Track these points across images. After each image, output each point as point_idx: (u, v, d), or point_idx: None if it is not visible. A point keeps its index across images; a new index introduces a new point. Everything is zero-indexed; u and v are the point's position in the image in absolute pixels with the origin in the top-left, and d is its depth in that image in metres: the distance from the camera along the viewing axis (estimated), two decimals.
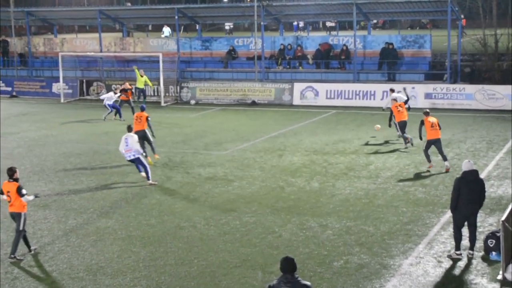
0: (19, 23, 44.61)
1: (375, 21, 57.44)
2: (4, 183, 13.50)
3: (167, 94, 35.91)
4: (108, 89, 34.52)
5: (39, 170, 20.55)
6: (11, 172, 13.37)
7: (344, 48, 35.47)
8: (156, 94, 36.32)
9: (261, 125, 27.97)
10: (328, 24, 59.53)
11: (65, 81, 37.76)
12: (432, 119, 19.18)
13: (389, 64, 34.20)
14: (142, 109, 22.29)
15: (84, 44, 42.78)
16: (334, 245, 13.60)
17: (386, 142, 23.55)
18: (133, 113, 27.42)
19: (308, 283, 8.38)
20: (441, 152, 19.25)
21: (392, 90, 24.74)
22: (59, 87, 36.90)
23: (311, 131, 26.28)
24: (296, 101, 33.68)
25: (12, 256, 13.21)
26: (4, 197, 13.39)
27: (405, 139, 22.22)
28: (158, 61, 34.95)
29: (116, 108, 30.03)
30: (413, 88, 30.61)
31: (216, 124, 28.58)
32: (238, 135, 25.79)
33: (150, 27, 65.31)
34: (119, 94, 30.37)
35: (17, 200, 13.19)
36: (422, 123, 19.29)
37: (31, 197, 13.46)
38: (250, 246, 13.63)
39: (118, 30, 51.25)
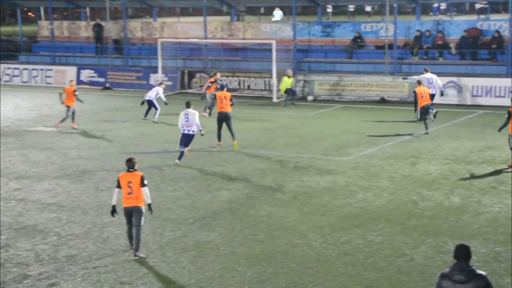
0: (114, 5, 46.34)
1: None
2: (123, 175, 14.47)
3: (280, 88, 36.13)
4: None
5: None
6: (131, 163, 14.47)
7: (496, 35, 34.55)
8: (267, 88, 36.66)
9: (391, 127, 27.68)
10: (477, 5, 57.89)
11: (164, 72, 38.81)
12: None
13: None
14: (222, 88, 24.61)
15: (187, 29, 43.88)
16: None
17: None
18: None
19: (483, 273, 8.91)
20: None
21: (426, 70, 29.22)
22: (157, 78, 37.99)
23: (452, 135, 25.76)
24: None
25: (135, 253, 14.34)
26: (115, 190, 14.54)
27: (426, 125, 26.19)
28: (270, 50, 35.26)
29: (152, 105, 29.91)
30: None
31: (337, 125, 28.54)
32: (363, 138, 25.65)
33: (262, 10, 66.06)
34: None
35: (139, 191, 14.24)
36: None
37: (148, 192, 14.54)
38: (376, 271, 13.51)
39: (225, 13, 52.21)
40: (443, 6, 58.49)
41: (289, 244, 14.99)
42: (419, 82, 27.34)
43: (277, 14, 49.60)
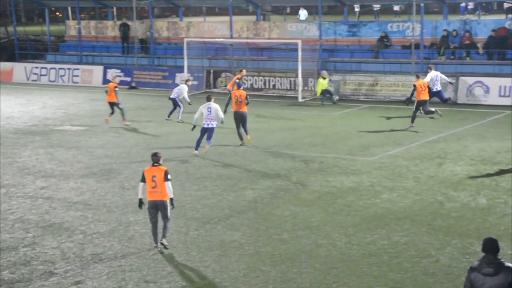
0: (140, 4, 46.56)
1: None
2: (148, 169, 14.72)
3: (305, 88, 36.16)
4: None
5: None
6: (156, 157, 14.77)
7: None
8: (292, 88, 36.65)
9: (417, 127, 27.53)
10: (506, 5, 57.40)
11: (190, 71, 38.90)
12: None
13: None
14: (239, 87, 24.89)
15: (213, 28, 43.98)
16: None
17: None
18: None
19: None
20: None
21: (430, 68, 30.29)
22: (183, 77, 38.10)
23: (479, 136, 25.58)
24: (461, 98, 32.88)
25: (161, 241, 14.70)
26: (140, 185, 14.80)
27: (414, 118, 27.37)
28: (296, 49, 35.25)
29: (176, 105, 29.82)
30: None
31: (362, 125, 28.47)
32: (389, 139, 25.56)
33: (288, 9, 66.06)
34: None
35: (163, 186, 14.51)
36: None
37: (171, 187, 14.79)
38: (401, 271, 13.45)
39: (251, 13, 52.30)
40: (470, 5, 58.15)
41: (314, 244, 14.98)
42: (417, 76, 28.78)
43: (302, 14, 49.55)
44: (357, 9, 59.50)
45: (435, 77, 29.84)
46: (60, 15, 77.27)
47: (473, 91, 32.56)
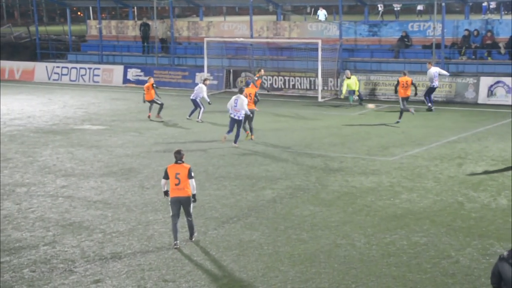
0: (161, 4, 46.70)
1: None
2: (171, 166, 14.95)
3: (325, 88, 36.14)
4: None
5: None
6: (180, 155, 15.00)
7: None
8: (312, 87, 36.62)
9: (437, 127, 27.43)
10: None
11: (210, 71, 39.00)
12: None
13: None
14: (248, 84, 25.98)
15: (233, 28, 44.03)
16: None
17: None
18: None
19: None
20: None
21: (430, 64, 31.66)
22: (202, 77, 38.12)
23: (500, 136, 25.42)
24: (482, 99, 32.71)
25: (191, 238, 15.26)
26: (162, 181, 15.02)
27: (402, 113, 28.55)
28: (316, 49, 35.22)
29: (197, 105, 29.73)
30: None
31: (382, 125, 28.37)
32: (409, 139, 25.48)
33: (308, 9, 66.01)
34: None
35: (186, 183, 14.75)
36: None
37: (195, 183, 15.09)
38: (420, 272, 13.40)
39: (271, 12, 52.29)
40: (492, 5, 57.75)
41: (333, 244, 14.96)
42: (404, 73, 29.80)
43: (321, 14, 49.38)
44: (381, 9, 59.22)
45: (434, 74, 31.20)
46: (82, 14, 77.65)
47: (494, 91, 32.37)
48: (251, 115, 24.79)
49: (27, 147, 25.24)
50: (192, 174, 14.83)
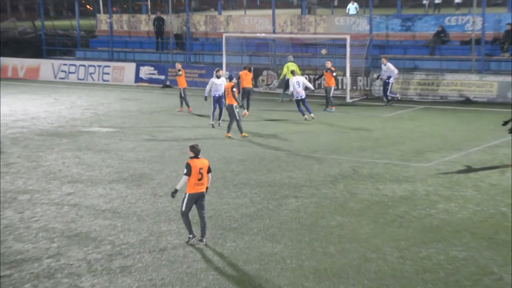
0: None
1: None
2: (193, 161, 15.53)
3: (354, 87, 36.09)
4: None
5: None
6: (198, 149, 15.68)
7: None
8: (340, 87, 36.49)
9: (478, 131, 27.28)
10: None
11: (229, 69, 38.95)
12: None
13: None
14: (231, 79, 27.73)
15: (254, 23, 44.04)
16: None
17: None
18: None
19: None
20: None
21: (384, 60, 33.92)
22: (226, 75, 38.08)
23: None
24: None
25: (202, 239, 15.73)
26: (185, 178, 15.47)
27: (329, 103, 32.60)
28: (344, 45, 35.13)
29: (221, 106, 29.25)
30: None
31: (416, 128, 28.32)
32: (446, 143, 25.34)
33: (336, 2, 65.98)
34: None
35: (206, 178, 15.69)
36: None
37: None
38: None
39: (296, 6, 52.30)
40: None
41: (362, 258, 14.85)
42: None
43: (352, 7, 49.10)
44: (425, 1, 58.68)
45: (387, 69, 33.73)
46: (91, 8, 78.02)
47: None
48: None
49: (31, 151, 25.31)
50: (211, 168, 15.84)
